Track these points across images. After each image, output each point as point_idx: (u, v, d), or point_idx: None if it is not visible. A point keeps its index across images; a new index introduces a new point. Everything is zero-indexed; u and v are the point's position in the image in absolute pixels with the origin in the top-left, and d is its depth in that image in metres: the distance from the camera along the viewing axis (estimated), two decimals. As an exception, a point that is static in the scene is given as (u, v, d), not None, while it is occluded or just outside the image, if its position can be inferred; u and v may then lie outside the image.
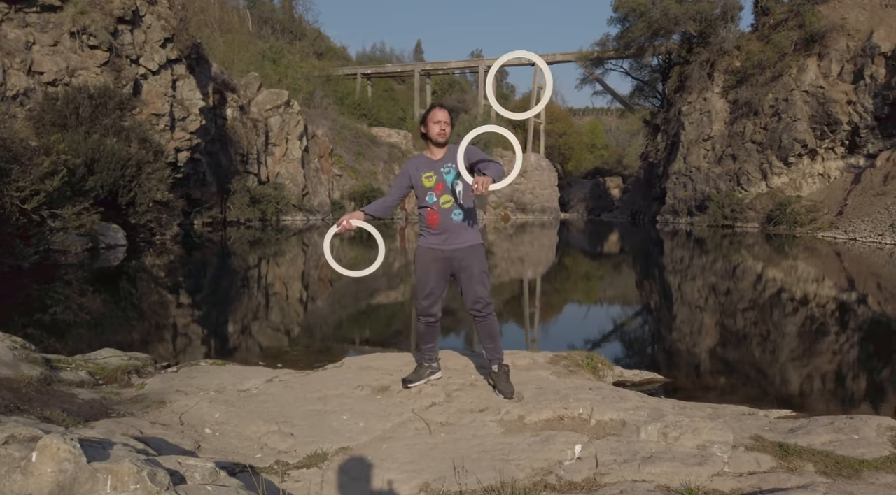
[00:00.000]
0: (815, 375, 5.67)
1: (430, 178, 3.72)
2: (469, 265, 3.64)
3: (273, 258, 17.51)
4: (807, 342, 7.26)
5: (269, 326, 7.85)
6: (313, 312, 9.26)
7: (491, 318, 3.65)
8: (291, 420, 3.33)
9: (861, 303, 10.39)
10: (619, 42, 39.71)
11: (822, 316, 9.19)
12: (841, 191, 30.67)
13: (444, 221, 3.68)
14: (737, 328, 8.09)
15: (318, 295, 10.97)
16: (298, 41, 57.72)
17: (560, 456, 2.71)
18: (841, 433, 2.88)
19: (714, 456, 2.65)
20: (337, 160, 38.06)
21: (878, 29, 30.67)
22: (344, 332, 7.71)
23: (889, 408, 4.58)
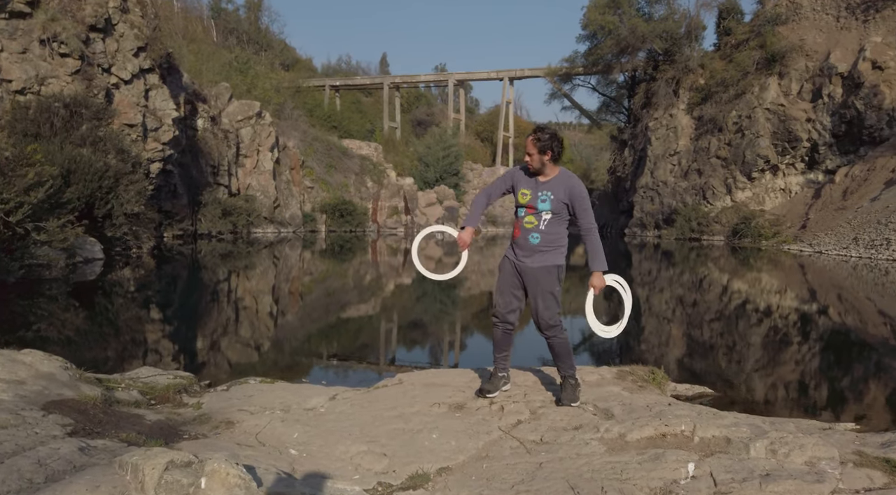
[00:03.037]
0: (850, 385, 5.84)
1: (525, 196, 3.73)
2: (537, 284, 3.67)
3: (244, 271, 17.15)
4: (824, 351, 7.48)
5: (277, 341, 7.68)
6: (323, 327, 9.10)
7: (557, 338, 3.66)
8: (378, 439, 3.24)
9: (877, 316, 10.76)
10: (588, 59, 40.57)
11: (820, 327, 9.49)
12: (802, 205, 31.81)
13: (522, 237, 3.72)
14: (743, 338, 8.27)
15: (309, 309, 10.80)
16: (264, 52, 57.12)
17: (674, 475, 2.70)
18: (936, 444, 2.97)
19: (826, 472, 2.68)
20: (308, 172, 37.66)
21: (835, 50, 32.11)
22: (377, 348, 7.59)
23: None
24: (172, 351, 6.81)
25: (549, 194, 3.68)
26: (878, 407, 5.13)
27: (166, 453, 1.99)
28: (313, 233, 35.66)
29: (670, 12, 37.80)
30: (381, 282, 15.12)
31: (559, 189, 3.69)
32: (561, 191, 3.68)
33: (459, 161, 45.47)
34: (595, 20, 38.32)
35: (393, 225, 40.47)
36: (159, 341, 7.37)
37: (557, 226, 3.72)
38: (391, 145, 47.52)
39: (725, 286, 15.35)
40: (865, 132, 30.37)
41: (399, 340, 8.38)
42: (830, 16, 33.87)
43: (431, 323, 9.71)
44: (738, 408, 4.23)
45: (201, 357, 6.52)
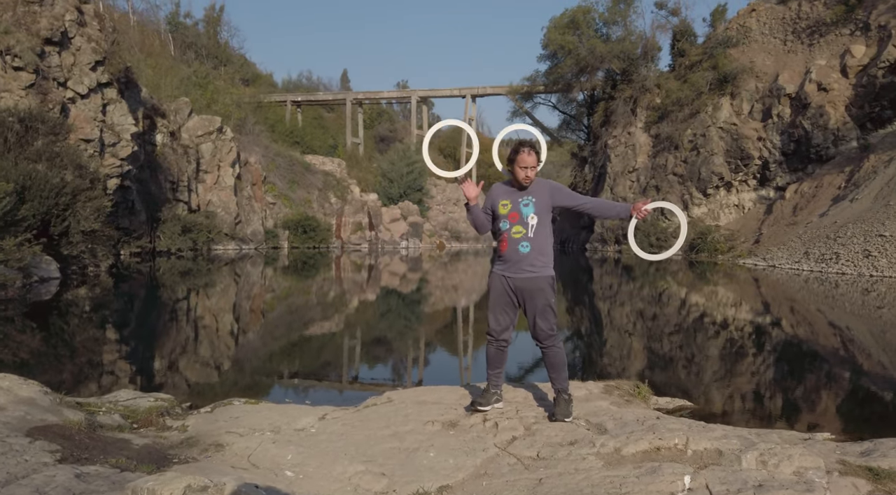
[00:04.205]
0: (814, 395, 6.06)
1: (506, 206, 3.77)
2: (533, 297, 3.71)
3: (206, 289, 16.79)
4: (787, 363, 7.74)
5: (249, 361, 7.54)
6: (294, 345, 8.97)
7: (554, 349, 3.71)
8: (375, 459, 3.22)
9: (836, 327, 11.17)
10: (548, 77, 41.43)
11: (780, 339, 9.82)
12: (755, 220, 32.94)
13: (511, 250, 3.74)
14: (708, 351, 8.49)
15: (277, 327, 10.64)
16: (224, 67, 56.52)
17: (672, 488, 2.77)
18: (913, 453, 3.12)
19: (814, 482, 2.79)
20: (270, 188, 37.22)
21: (783, 72, 33.56)
22: (353, 365, 7.52)
23: None
24: (142, 373, 6.62)
25: (532, 198, 3.77)
26: (846, 416, 5.34)
27: (182, 477, 1.95)
28: (276, 249, 35.17)
29: (627, 33, 38.96)
30: (347, 298, 15.01)
31: (540, 192, 3.80)
32: (543, 192, 3.80)
33: (423, 177, 45.68)
34: (555, 40, 39.21)
35: (357, 241, 40.24)
36: (126, 363, 7.16)
37: (544, 231, 3.79)
38: (354, 161, 47.43)
39: (684, 300, 15.74)
40: (813, 151, 31.73)
41: (374, 357, 8.33)
42: (778, 39, 35.43)
43: (403, 339, 9.68)
44: (717, 420, 4.35)
45: (174, 378, 6.36)
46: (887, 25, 30.38)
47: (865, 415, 5.39)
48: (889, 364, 7.93)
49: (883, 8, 30.93)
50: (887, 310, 13.06)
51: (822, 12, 33.45)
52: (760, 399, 5.80)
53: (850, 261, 21.32)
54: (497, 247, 3.87)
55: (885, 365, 7.85)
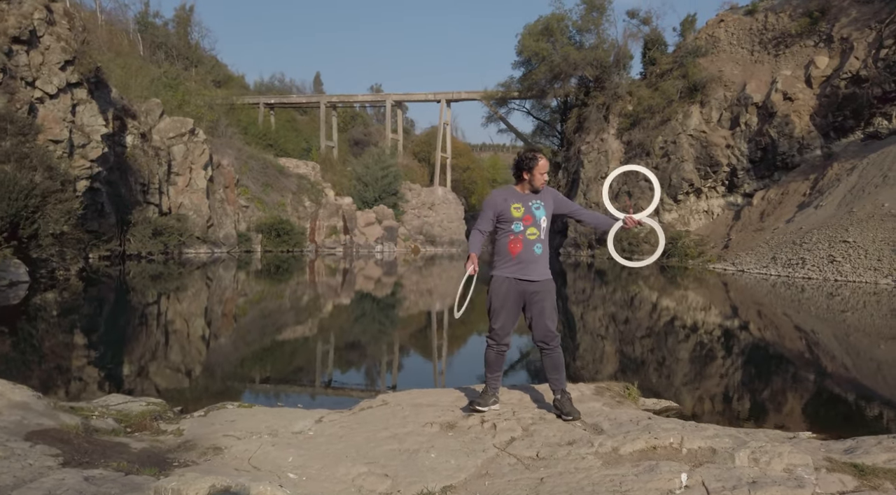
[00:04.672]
0: (788, 396, 6.25)
1: (519, 209, 3.88)
2: (541, 299, 3.79)
3: (181, 294, 16.56)
4: (761, 364, 7.96)
5: (231, 364, 7.48)
6: (271, 350, 8.92)
7: (558, 351, 3.79)
8: (378, 460, 3.25)
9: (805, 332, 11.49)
10: (523, 84, 41.80)
11: (755, 342, 10.09)
12: (724, 226, 33.67)
13: (525, 251, 3.83)
14: (683, 353, 8.69)
15: (253, 331, 10.56)
16: (195, 68, 55.77)
17: (670, 485, 2.86)
18: (894, 452, 3.26)
19: (804, 478, 2.91)
20: (243, 191, 36.81)
21: (750, 82, 34.42)
22: (339, 369, 7.50)
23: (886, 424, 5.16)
24: (124, 378, 6.52)
25: (541, 202, 3.95)
26: (823, 415, 5.54)
27: (204, 478, 1.96)
28: (248, 253, 34.77)
29: (600, 41, 39.54)
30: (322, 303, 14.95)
31: (547, 196, 4.04)
32: (549, 197, 4.04)
33: (398, 181, 45.61)
34: (529, 47, 39.61)
35: (332, 244, 40.00)
36: (105, 368, 7.04)
37: (548, 234, 3.98)
38: (329, 164, 47.15)
39: (656, 304, 16.04)
40: (779, 158, 32.59)
41: (355, 362, 8.33)
42: (745, 50, 36.35)
43: (382, 344, 9.70)
44: (702, 421, 4.47)
45: (157, 383, 6.28)
46: (849, 38, 31.42)
47: (840, 415, 5.60)
48: (853, 366, 8.23)
49: (845, 21, 31.98)
50: (851, 313, 13.51)
51: (787, 24, 34.43)
52: (740, 400, 5.97)
53: (816, 266, 21.96)
54: (503, 250, 3.92)
55: (849, 367, 8.15)
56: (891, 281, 18.75)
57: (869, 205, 23.28)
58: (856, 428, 5.03)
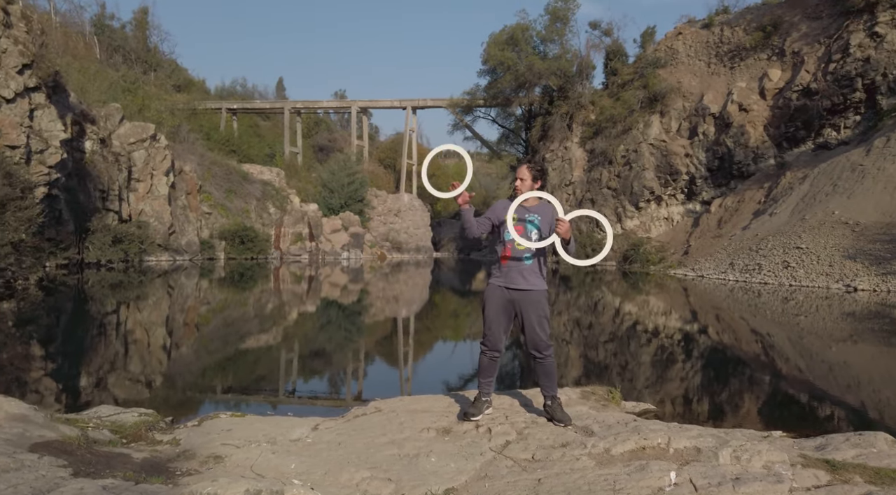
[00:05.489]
0: (754, 397, 6.56)
1: (515, 219, 3.98)
2: (531, 310, 3.91)
3: (145, 303, 16.24)
4: (725, 366, 8.30)
5: (208, 374, 7.45)
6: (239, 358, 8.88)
7: (549, 360, 3.93)
8: (380, 465, 3.35)
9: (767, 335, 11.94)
10: (488, 92, 42.29)
11: (722, 345, 10.48)
12: (684, 233, 34.63)
13: (514, 261, 3.95)
14: (645, 357, 8.99)
15: (221, 340, 10.48)
16: (154, 72, 54.72)
17: (660, 483, 3.04)
18: (861, 448, 3.51)
19: (782, 474, 3.12)
20: (206, 197, 36.22)
21: (707, 93, 35.57)
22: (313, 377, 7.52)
23: (853, 421, 5.48)
24: (108, 388, 6.44)
25: (537, 216, 4.02)
26: (790, 415, 5.85)
27: (240, 481, 2.04)
28: (211, 260, 34.21)
29: (563, 51, 40.32)
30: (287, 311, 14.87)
31: (545, 212, 4.06)
32: (548, 213, 4.06)
33: (364, 187, 45.52)
34: (495, 56, 40.12)
35: (297, 252, 39.65)
36: (85, 379, 6.93)
37: (543, 248, 4.02)
38: (293, 171, 46.76)
39: (619, 309, 16.44)
40: (735, 167, 33.73)
41: (339, 370, 8.37)
42: (703, 62, 37.55)
43: (361, 350, 9.75)
44: (679, 422, 4.70)
45: (140, 393, 6.23)
46: (800, 52, 32.78)
47: (805, 414, 5.92)
48: (808, 368, 8.67)
49: (796, 35, 33.36)
50: (804, 317, 14.12)
51: (742, 37, 35.72)
52: (711, 402, 6.25)
53: (771, 272, 22.80)
54: (496, 259, 4.07)
55: (805, 369, 8.57)
56: (841, 285, 19.62)
57: (820, 212, 24.30)
58: (820, 425, 5.35)
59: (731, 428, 4.12)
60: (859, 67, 29.20)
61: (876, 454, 3.45)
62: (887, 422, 5.68)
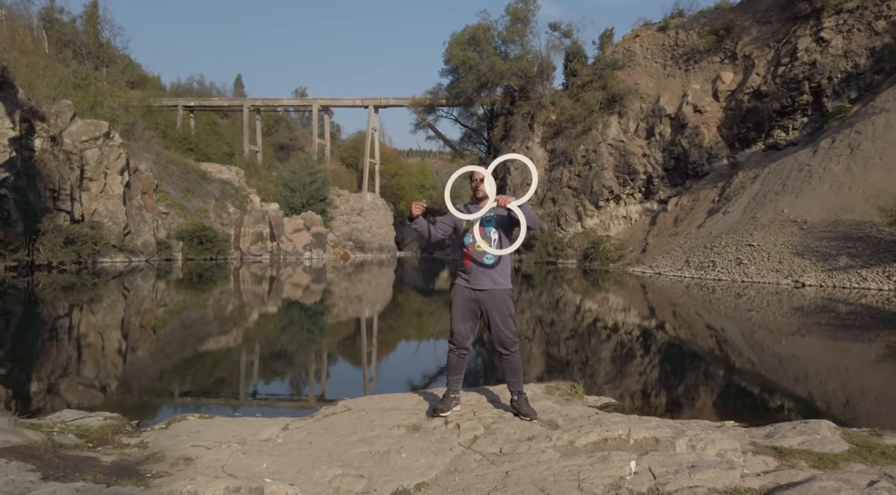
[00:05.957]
0: (709, 389, 6.83)
1: (472, 222, 4.09)
2: (495, 309, 4.02)
3: (102, 306, 15.83)
4: (681, 360, 8.60)
5: (172, 376, 7.36)
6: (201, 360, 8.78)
7: (516, 356, 4.05)
8: (351, 462, 3.41)
9: (715, 329, 12.34)
10: (450, 92, 42.47)
11: (675, 339, 10.82)
12: (641, 231, 35.43)
13: (475, 262, 4.05)
14: (605, 352, 9.25)
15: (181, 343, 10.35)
16: (106, 68, 53.17)
17: (621, 472, 3.19)
18: (806, 435, 3.73)
19: (733, 461, 3.31)
20: (163, 197, 35.42)
21: (664, 94, 36.44)
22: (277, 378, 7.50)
23: (798, 410, 5.76)
24: (68, 392, 6.31)
25: (493, 215, 4.13)
26: (742, 405, 6.12)
27: (219, 480, 2.08)
28: (168, 261, 33.48)
29: (524, 52, 40.76)
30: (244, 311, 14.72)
31: (501, 210, 4.13)
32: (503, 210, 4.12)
33: (326, 187, 45.15)
34: (457, 56, 40.30)
35: (258, 252, 39.10)
36: (44, 384, 6.77)
37: (505, 244, 4.13)
38: (253, 169, 46.07)
39: (580, 306, 16.79)
40: (690, 167, 34.67)
41: (302, 370, 8.36)
42: (659, 64, 38.46)
43: (324, 350, 9.75)
44: (638, 414, 4.88)
45: (102, 396, 6.13)
46: (751, 55, 33.89)
47: (756, 404, 6.21)
48: (760, 361, 9.05)
49: (747, 39, 34.47)
50: (756, 312, 14.68)
51: (696, 41, 36.72)
52: (668, 394, 6.49)
53: (725, 269, 23.56)
54: (459, 261, 4.17)
55: (757, 362, 8.95)
56: (790, 281, 20.41)
57: (770, 211, 25.21)
58: (770, 415, 5.62)
59: (688, 419, 4.32)
60: (806, 71, 30.37)
61: (820, 440, 3.67)
62: (832, 410, 6.00)
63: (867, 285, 18.42)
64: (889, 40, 27.99)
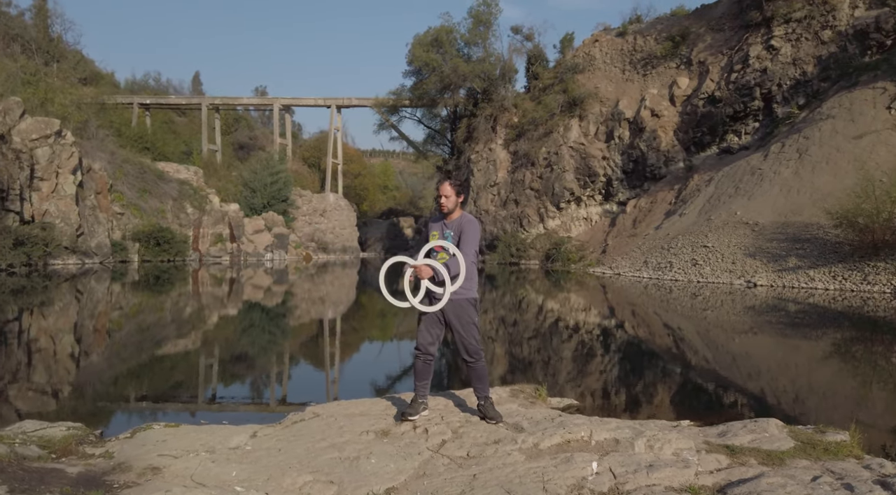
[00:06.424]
0: (666, 389, 7.08)
1: (435, 236, 4.20)
2: (456, 318, 4.14)
3: (41, 308, 15.41)
4: (635, 362, 8.86)
5: (130, 383, 7.25)
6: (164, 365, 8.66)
7: (480, 364, 4.17)
8: (321, 469, 3.46)
9: (675, 330, 12.69)
10: (414, 93, 42.52)
11: (634, 340, 11.12)
12: (601, 232, 36.12)
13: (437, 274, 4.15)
14: (566, 352, 9.47)
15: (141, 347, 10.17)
16: (57, 63, 51.49)
17: (583, 473, 3.32)
18: (755, 433, 3.94)
19: (689, 460, 3.49)
20: (117, 197, 34.51)
21: (623, 98, 37.22)
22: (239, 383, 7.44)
23: (749, 408, 6.02)
24: (25, 402, 6.16)
25: (451, 232, 4.26)
26: (698, 405, 6.36)
27: (189, 490, 2.11)
28: (124, 263, 32.65)
29: (487, 55, 41.09)
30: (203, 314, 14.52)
31: (456, 226, 4.29)
32: (457, 227, 4.28)
33: (288, 187, 44.65)
34: (420, 57, 40.38)
35: (217, 253, 38.42)
36: None
37: (466, 258, 4.22)
38: (212, 169, 45.25)
39: (542, 306, 17.06)
40: (648, 170, 35.50)
41: (264, 375, 8.31)
42: (618, 68, 39.26)
43: (287, 354, 9.71)
44: (599, 415, 5.06)
45: (61, 405, 6.00)
46: (705, 62, 34.90)
47: (711, 403, 6.46)
48: (715, 359, 9.40)
49: (702, 46, 35.48)
50: (711, 312, 15.17)
51: (653, 46, 37.61)
52: (628, 394, 6.70)
53: (682, 269, 24.21)
54: None
55: (712, 360, 9.29)
56: (743, 281, 21.12)
57: (724, 213, 26.02)
58: (723, 413, 5.86)
59: (646, 419, 4.50)
60: (757, 77, 31.43)
61: (768, 438, 3.88)
62: (781, 406, 6.30)
63: (814, 285, 19.21)
64: (835, 49, 29.20)
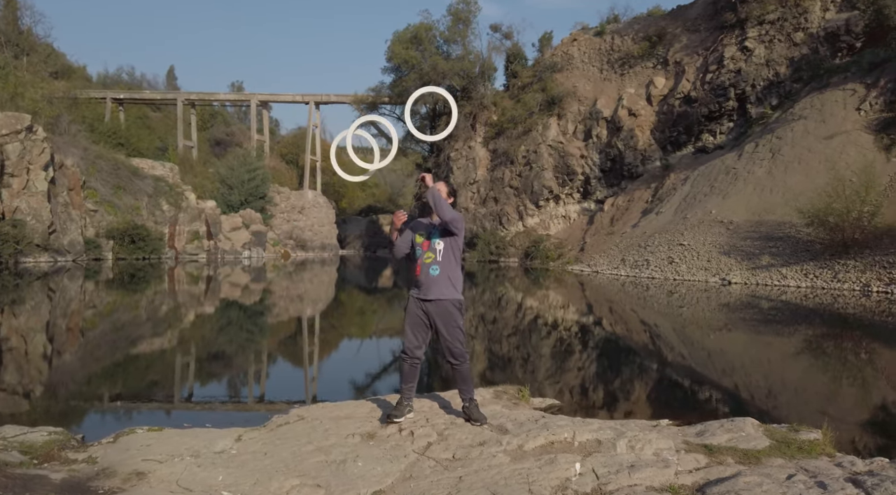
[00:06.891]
0: (645, 389, 7.20)
1: (421, 235, 4.23)
2: (442, 320, 4.17)
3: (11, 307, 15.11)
4: (613, 361, 8.99)
5: (106, 385, 7.17)
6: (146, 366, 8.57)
7: (465, 366, 4.21)
8: (308, 472, 3.48)
9: (657, 329, 12.87)
10: (393, 90, 42.39)
11: (616, 339, 11.27)
12: (579, 230, 36.44)
13: (423, 274, 4.19)
14: (539, 350, 9.58)
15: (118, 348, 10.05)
16: (27, 56, 50.34)
17: (567, 474, 3.39)
18: (732, 432, 4.05)
19: (668, 459, 3.58)
20: (91, 193, 33.89)
21: (600, 97, 37.54)
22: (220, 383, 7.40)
23: (726, 409, 6.16)
24: None
25: (435, 227, 4.29)
26: (676, 404, 6.50)
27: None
28: (98, 261, 32.10)
29: (466, 52, 41.14)
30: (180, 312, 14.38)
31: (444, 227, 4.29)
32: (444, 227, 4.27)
33: (266, 184, 44.26)
34: (399, 54, 40.27)
35: (194, 251, 37.96)
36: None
37: (452, 256, 4.25)
38: (188, 166, 44.66)
39: (521, 304, 17.19)
40: (626, 168, 35.88)
41: (243, 377, 8.27)
42: (596, 68, 39.58)
43: (261, 354, 9.67)
44: (580, 415, 5.14)
45: (39, 410, 5.92)
46: (681, 62, 35.35)
47: (689, 402, 6.60)
48: (689, 356, 9.59)
49: (678, 47, 35.93)
50: (686, 309, 15.43)
51: (630, 46, 37.99)
52: (608, 394, 6.81)
53: (658, 267, 24.55)
54: (412, 273, 4.30)
55: (688, 358, 9.47)
56: (718, 279, 21.49)
57: (699, 211, 26.42)
58: (702, 411, 6.00)
59: (627, 419, 4.59)
60: (732, 78, 31.93)
61: (745, 437, 4.00)
62: (757, 404, 6.46)
63: (787, 282, 19.62)
64: (807, 51, 29.79)
